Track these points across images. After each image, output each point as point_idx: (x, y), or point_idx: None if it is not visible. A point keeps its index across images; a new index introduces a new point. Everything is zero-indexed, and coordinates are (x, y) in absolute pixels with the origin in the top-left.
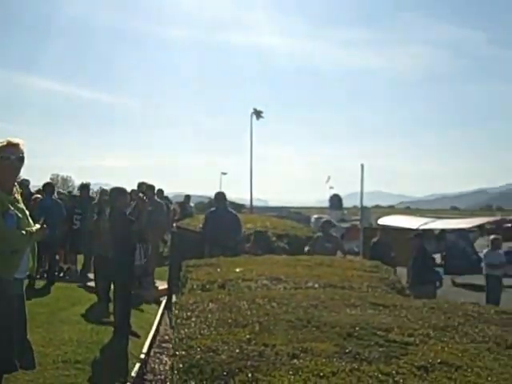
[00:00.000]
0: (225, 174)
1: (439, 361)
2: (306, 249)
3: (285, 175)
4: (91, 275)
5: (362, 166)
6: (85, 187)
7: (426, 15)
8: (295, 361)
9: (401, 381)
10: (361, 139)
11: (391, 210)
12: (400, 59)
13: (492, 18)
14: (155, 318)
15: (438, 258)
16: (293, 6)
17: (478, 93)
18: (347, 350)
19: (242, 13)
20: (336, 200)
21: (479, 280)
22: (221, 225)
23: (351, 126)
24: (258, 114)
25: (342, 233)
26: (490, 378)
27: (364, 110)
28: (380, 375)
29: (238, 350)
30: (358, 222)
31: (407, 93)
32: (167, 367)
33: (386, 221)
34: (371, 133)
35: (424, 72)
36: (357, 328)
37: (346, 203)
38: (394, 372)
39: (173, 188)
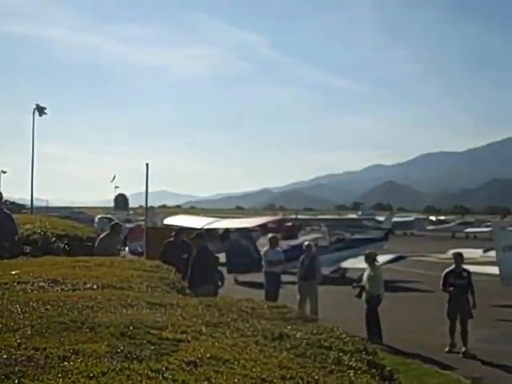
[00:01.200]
0: (4, 172)
1: (208, 355)
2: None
3: (69, 174)
4: None
5: (147, 165)
6: None
7: (212, 16)
8: (65, 363)
9: (170, 377)
10: (147, 138)
11: (178, 209)
12: (187, 59)
13: (273, 22)
14: None
15: (222, 257)
16: None
17: (259, 95)
18: (119, 350)
19: (22, 2)
20: (121, 200)
21: (261, 278)
22: None
23: (138, 125)
24: (40, 110)
25: (126, 234)
26: (254, 369)
27: (150, 109)
28: (150, 372)
29: (5, 356)
30: (143, 223)
31: (192, 93)
32: None
33: (172, 221)
34: (157, 132)
35: (211, 73)
36: (131, 327)
37: (132, 203)
38: (163, 368)
39: None
